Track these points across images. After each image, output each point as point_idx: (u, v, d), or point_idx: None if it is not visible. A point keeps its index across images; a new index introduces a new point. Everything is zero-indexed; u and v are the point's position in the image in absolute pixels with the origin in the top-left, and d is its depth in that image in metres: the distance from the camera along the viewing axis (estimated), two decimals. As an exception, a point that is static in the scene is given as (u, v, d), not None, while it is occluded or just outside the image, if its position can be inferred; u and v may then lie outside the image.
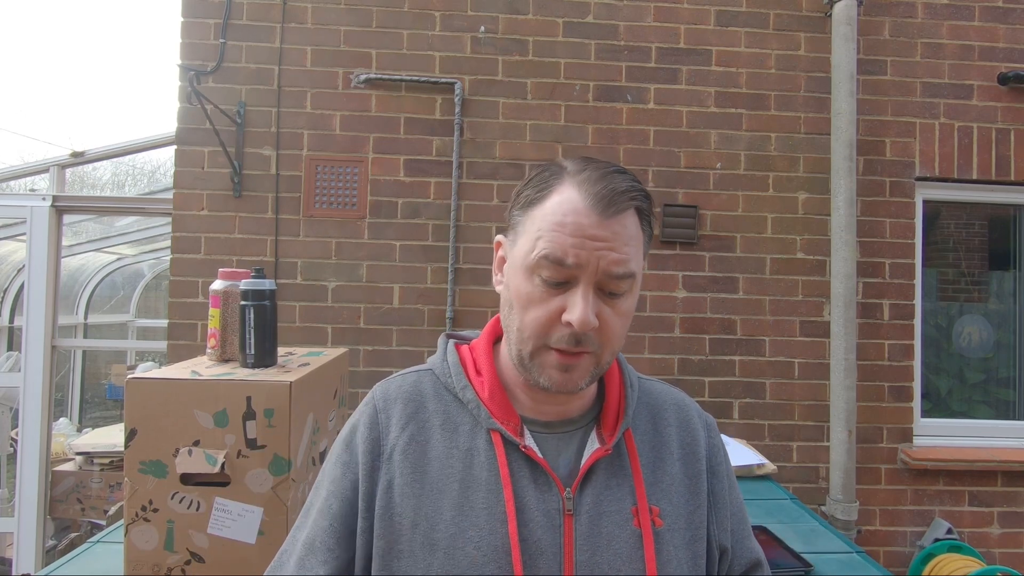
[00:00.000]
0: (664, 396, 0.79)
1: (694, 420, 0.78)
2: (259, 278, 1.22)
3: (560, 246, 0.62)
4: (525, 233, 0.66)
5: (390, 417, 0.72)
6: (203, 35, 2.44)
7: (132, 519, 1.05)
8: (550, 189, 0.66)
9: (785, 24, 2.57)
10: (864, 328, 2.53)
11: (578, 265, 0.62)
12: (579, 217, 0.62)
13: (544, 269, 0.63)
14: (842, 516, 2.38)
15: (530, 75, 2.51)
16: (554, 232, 0.63)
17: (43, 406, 2.55)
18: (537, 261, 0.63)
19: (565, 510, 0.67)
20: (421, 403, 0.73)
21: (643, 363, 2.48)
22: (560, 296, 0.64)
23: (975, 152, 2.59)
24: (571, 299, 0.63)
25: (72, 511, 2.88)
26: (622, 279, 0.63)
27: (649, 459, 0.72)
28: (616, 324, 0.65)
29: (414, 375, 0.76)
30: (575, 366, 0.65)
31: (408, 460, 0.69)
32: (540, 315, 0.64)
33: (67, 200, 2.64)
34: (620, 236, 0.63)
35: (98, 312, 5.59)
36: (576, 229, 0.62)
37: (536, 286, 0.64)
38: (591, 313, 0.62)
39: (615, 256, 0.62)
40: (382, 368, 2.44)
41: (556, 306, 0.64)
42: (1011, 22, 2.62)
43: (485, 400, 0.71)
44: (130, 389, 1.06)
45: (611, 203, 0.62)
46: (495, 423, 0.69)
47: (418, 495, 0.67)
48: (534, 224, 0.65)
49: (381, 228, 2.47)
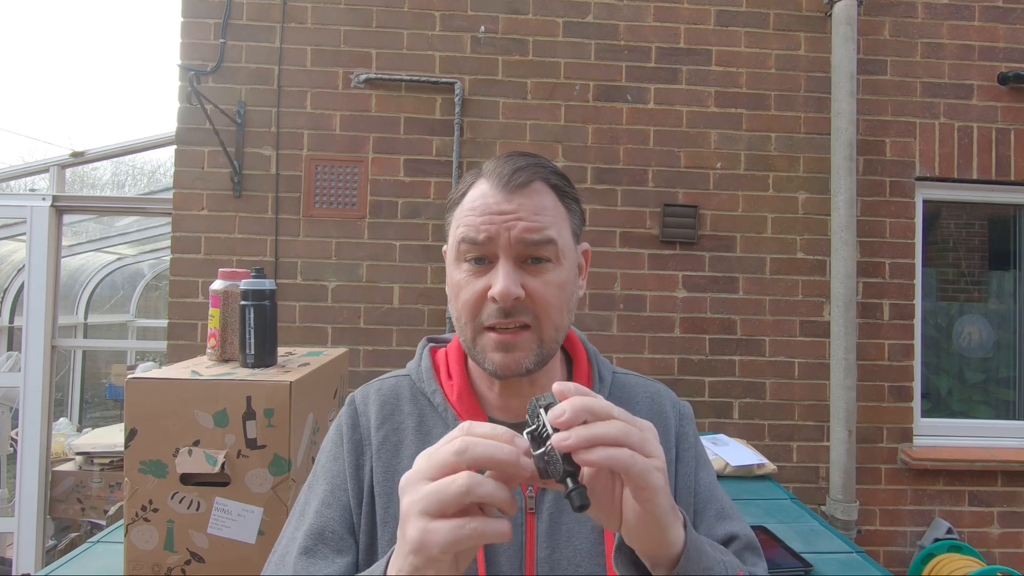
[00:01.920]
0: (637, 389, 0.80)
1: (666, 409, 0.78)
2: (259, 278, 1.22)
3: (472, 226, 0.67)
4: (450, 230, 0.72)
5: (369, 418, 0.75)
6: (203, 35, 2.44)
7: (132, 519, 1.05)
8: (467, 186, 0.71)
9: (785, 24, 2.57)
10: (864, 328, 2.53)
11: (489, 239, 0.66)
12: (486, 199, 0.67)
13: (466, 252, 0.68)
14: (842, 516, 2.38)
15: (530, 75, 2.51)
16: (467, 217, 0.68)
17: (43, 406, 2.55)
18: (457, 247, 0.69)
19: (527, 508, 0.68)
20: (397, 406, 0.75)
21: (643, 363, 2.48)
22: (485, 276, 0.67)
23: (975, 152, 2.59)
24: (493, 276, 0.66)
25: (72, 511, 2.87)
26: (540, 245, 0.66)
27: None
28: (548, 294, 0.67)
29: (392, 379, 0.79)
30: (515, 344, 0.67)
31: (382, 460, 0.72)
32: (468, 296, 0.67)
33: (67, 200, 2.64)
34: (527, 207, 0.66)
35: (98, 312, 5.58)
36: (484, 208, 0.67)
37: (463, 271, 0.68)
38: (512, 283, 0.65)
39: (525, 224, 0.66)
40: (382, 368, 2.44)
41: (482, 285, 0.67)
42: (1011, 22, 2.62)
43: (454, 402, 0.73)
44: (130, 389, 1.06)
45: (511, 179, 0.67)
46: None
47: (388, 494, 0.69)
48: (455, 219, 0.71)
49: (381, 228, 2.47)
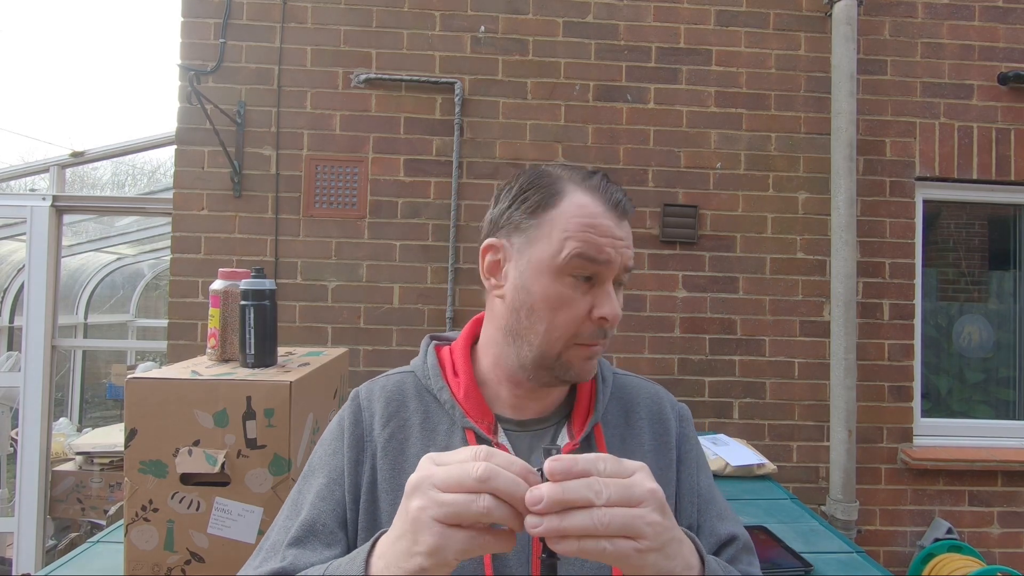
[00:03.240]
0: (638, 390, 0.81)
1: (666, 411, 0.80)
2: (259, 278, 1.22)
3: (594, 245, 0.67)
4: (544, 236, 0.69)
5: (373, 414, 0.74)
6: (203, 35, 2.44)
7: (132, 519, 1.05)
8: (559, 194, 0.70)
9: (785, 24, 2.57)
10: (864, 328, 2.53)
11: (609, 262, 0.68)
12: (602, 219, 0.69)
13: (578, 268, 0.68)
14: (842, 516, 2.38)
15: (530, 75, 2.51)
16: (585, 232, 0.68)
17: (43, 406, 2.55)
18: (569, 261, 0.67)
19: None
20: (402, 402, 0.75)
21: (643, 363, 2.48)
22: (589, 294, 0.69)
23: (975, 152, 2.59)
24: (599, 296, 0.69)
25: (72, 511, 2.87)
26: (630, 272, 0.72)
27: (619, 452, 0.72)
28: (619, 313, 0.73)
29: (397, 376, 0.79)
30: (597, 354, 0.71)
31: (388, 457, 0.71)
32: (572, 315, 0.69)
33: (67, 200, 2.64)
34: (629, 236, 0.72)
35: (98, 312, 5.58)
36: (606, 230, 0.68)
37: (567, 286, 0.68)
38: (619, 308, 0.70)
39: (631, 252, 0.71)
40: (382, 368, 2.42)
41: (587, 305, 0.69)
42: (1011, 22, 2.62)
43: (460, 400, 0.73)
44: (130, 389, 1.06)
45: (624, 208, 0.71)
46: (469, 422, 0.72)
47: (395, 491, 0.69)
48: (554, 227, 0.69)
49: (381, 228, 2.47)
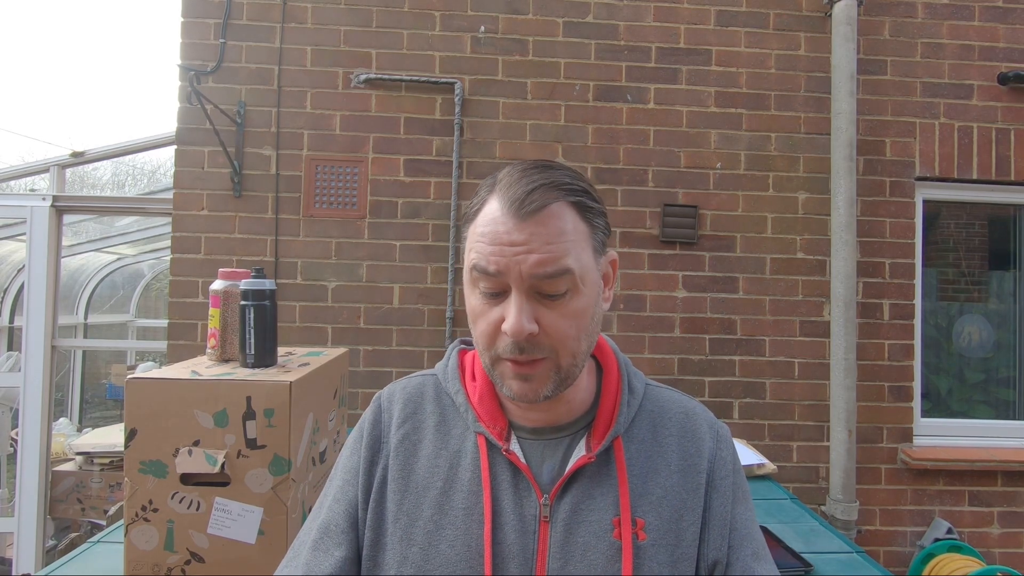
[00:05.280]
0: (672, 404, 0.75)
1: (701, 430, 0.73)
2: (259, 278, 1.22)
3: (483, 256, 0.62)
4: (466, 248, 0.67)
5: (392, 416, 0.75)
6: (203, 35, 2.44)
7: (132, 519, 1.05)
8: (482, 201, 0.66)
9: (785, 24, 2.57)
10: (864, 328, 2.53)
11: (500, 272, 0.62)
12: (496, 225, 0.62)
13: (479, 281, 0.64)
14: (842, 516, 2.38)
15: (530, 75, 2.51)
16: (479, 243, 0.63)
17: (43, 406, 2.55)
18: (471, 274, 0.65)
19: (541, 516, 0.66)
20: (420, 404, 0.75)
21: (643, 363, 2.48)
22: (500, 306, 0.64)
23: (975, 152, 2.59)
24: (506, 308, 0.63)
25: (72, 511, 2.88)
26: (553, 278, 0.61)
27: (642, 469, 0.69)
28: (564, 326, 0.63)
29: (419, 378, 0.79)
30: (532, 375, 0.64)
31: (399, 457, 0.71)
32: (484, 327, 0.65)
33: (67, 200, 2.64)
34: (540, 236, 0.61)
35: (98, 312, 5.58)
36: (494, 237, 0.62)
37: (478, 298, 0.65)
38: (524, 320, 0.61)
39: (535, 258, 0.60)
40: (382, 368, 2.44)
41: (496, 316, 0.64)
42: (1011, 22, 2.62)
43: (475, 404, 0.73)
44: (130, 389, 1.06)
45: (523, 204, 0.61)
46: (481, 427, 0.71)
47: (403, 491, 0.69)
48: (469, 238, 0.66)
49: (381, 228, 2.47)
